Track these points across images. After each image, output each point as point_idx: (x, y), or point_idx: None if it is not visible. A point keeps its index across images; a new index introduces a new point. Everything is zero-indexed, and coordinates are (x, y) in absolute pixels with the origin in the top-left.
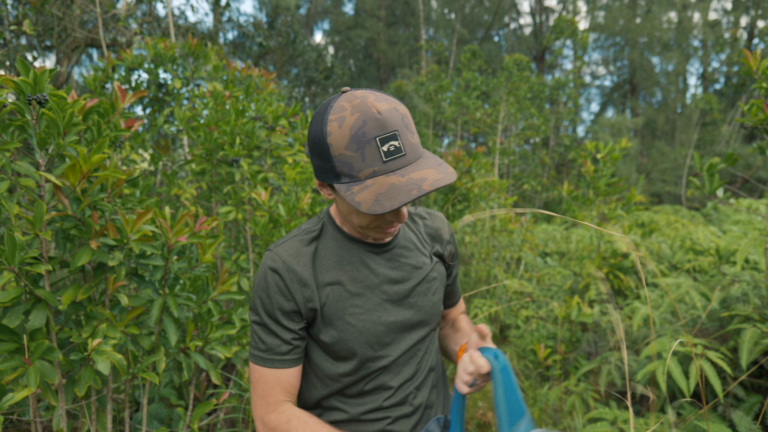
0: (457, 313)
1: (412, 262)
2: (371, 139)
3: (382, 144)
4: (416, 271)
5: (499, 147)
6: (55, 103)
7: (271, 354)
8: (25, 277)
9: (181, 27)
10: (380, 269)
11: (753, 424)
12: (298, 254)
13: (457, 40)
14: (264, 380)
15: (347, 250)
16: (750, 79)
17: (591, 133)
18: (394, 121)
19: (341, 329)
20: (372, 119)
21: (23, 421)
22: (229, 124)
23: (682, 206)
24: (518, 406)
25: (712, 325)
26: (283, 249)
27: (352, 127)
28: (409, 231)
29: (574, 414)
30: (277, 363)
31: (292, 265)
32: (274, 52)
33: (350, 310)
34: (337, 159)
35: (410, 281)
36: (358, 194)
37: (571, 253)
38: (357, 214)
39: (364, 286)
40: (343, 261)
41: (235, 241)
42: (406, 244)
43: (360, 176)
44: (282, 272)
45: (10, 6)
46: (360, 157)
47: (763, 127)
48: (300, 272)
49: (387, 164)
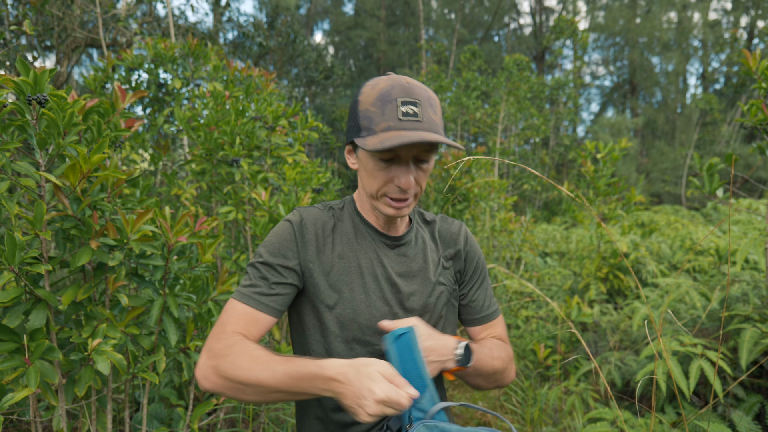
0: (484, 335)
1: (419, 262)
2: (394, 99)
3: (402, 105)
4: (421, 272)
5: (499, 147)
6: (55, 103)
7: (253, 291)
8: (25, 277)
9: (181, 27)
10: (387, 261)
11: (753, 424)
12: (317, 219)
13: (457, 40)
14: (233, 312)
15: (360, 233)
16: (750, 79)
17: (591, 133)
18: (420, 93)
19: (341, 298)
20: (399, 85)
21: (23, 421)
22: (229, 124)
23: (682, 206)
24: (420, 381)
25: (712, 325)
26: (306, 210)
27: (382, 89)
28: (423, 233)
29: (574, 414)
30: (254, 302)
31: (308, 224)
32: (274, 52)
33: (351, 285)
34: (362, 113)
35: (413, 280)
36: (369, 139)
37: (571, 253)
38: (370, 176)
39: (369, 272)
40: (356, 241)
41: (235, 241)
42: (418, 244)
43: (377, 129)
44: (296, 226)
45: (10, 6)
46: (380, 112)
47: (763, 127)
48: (313, 232)
49: (401, 122)
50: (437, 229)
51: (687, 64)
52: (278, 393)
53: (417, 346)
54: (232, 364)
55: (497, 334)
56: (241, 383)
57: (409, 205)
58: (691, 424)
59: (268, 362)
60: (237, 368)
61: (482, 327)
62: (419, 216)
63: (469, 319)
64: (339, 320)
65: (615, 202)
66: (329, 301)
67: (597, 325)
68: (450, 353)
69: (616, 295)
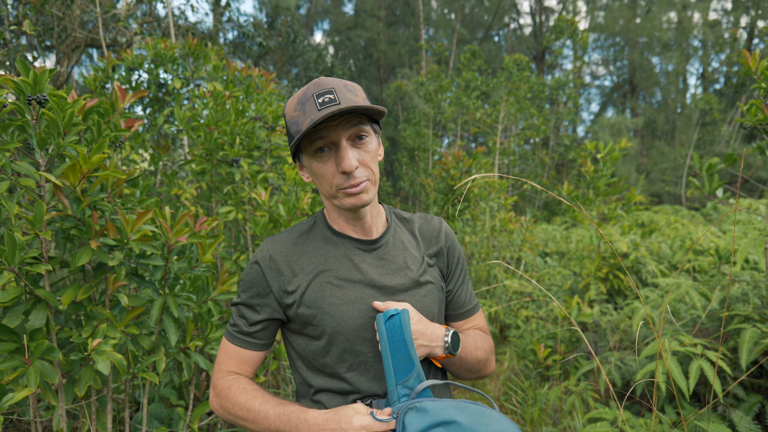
0: (465, 327)
1: (400, 262)
2: (310, 97)
3: (318, 97)
4: (405, 271)
5: (499, 147)
6: (55, 103)
7: (236, 331)
8: (25, 277)
9: (181, 27)
10: (365, 266)
11: (753, 424)
12: (285, 246)
13: (457, 40)
14: (225, 351)
15: (333, 245)
16: (750, 79)
17: (591, 133)
18: (334, 83)
19: (319, 318)
20: (313, 84)
21: (23, 421)
22: (229, 124)
23: (682, 206)
24: (408, 361)
25: (712, 325)
26: (272, 241)
27: (299, 95)
28: (401, 232)
29: (574, 414)
30: (238, 341)
31: (275, 256)
32: (274, 52)
33: (329, 299)
34: (290, 123)
35: (397, 280)
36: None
37: (571, 253)
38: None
39: (347, 281)
40: (329, 255)
41: (235, 241)
42: (396, 244)
43: (302, 128)
44: (263, 264)
45: (10, 6)
46: (302, 112)
47: (763, 127)
48: (280, 263)
49: (321, 111)
50: (417, 227)
51: (687, 64)
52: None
53: (407, 327)
54: (234, 405)
55: (479, 325)
56: (242, 420)
57: (366, 190)
58: (691, 424)
59: (263, 403)
60: (237, 409)
61: (465, 321)
62: (395, 216)
63: (453, 314)
64: (326, 336)
65: (615, 202)
66: (313, 321)
67: (597, 325)
68: (439, 340)
69: (616, 295)
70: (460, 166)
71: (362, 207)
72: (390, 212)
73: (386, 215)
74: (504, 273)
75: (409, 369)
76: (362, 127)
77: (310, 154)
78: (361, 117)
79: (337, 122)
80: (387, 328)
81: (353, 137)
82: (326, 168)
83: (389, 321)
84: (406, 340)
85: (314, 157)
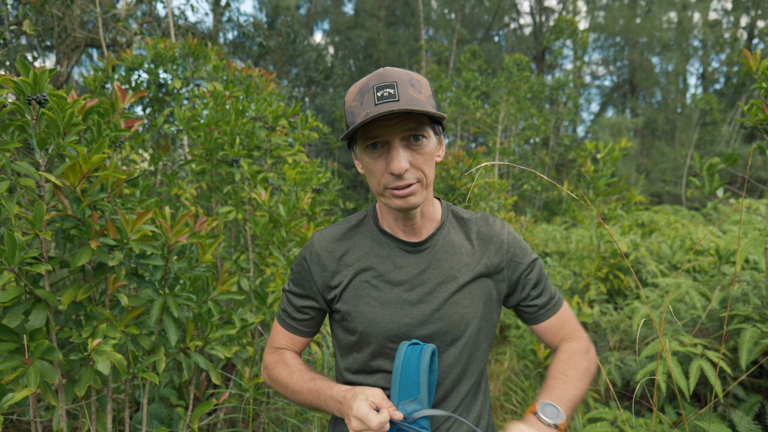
0: (555, 336)
1: (446, 266)
2: (370, 88)
3: (378, 90)
4: (450, 276)
5: (499, 147)
6: (55, 103)
7: (286, 316)
8: (25, 277)
9: (181, 27)
10: (407, 268)
11: (753, 424)
12: (332, 241)
13: (457, 40)
14: (276, 330)
15: (379, 243)
16: (750, 79)
17: (591, 133)
18: (398, 76)
19: (354, 316)
20: (376, 75)
21: (23, 421)
22: (229, 124)
23: (682, 206)
24: (414, 388)
25: (712, 325)
26: (320, 235)
27: (361, 83)
28: (455, 234)
29: (574, 414)
30: (287, 326)
31: (321, 251)
32: (274, 52)
33: (366, 299)
34: (348, 112)
35: (439, 286)
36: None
37: (571, 253)
38: (369, 173)
39: (385, 282)
40: (372, 253)
41: (235, 241)
42: (446, 247)
43: (358, 120)
44: (309, 258)
45: (10, 6)
46: (360, 104)
47: (763, 127)
48: (325, 258)
49: (378, 106)
50: (475, 230)
51: (687, 64)
52: (305, 404)
53: (425, 359)
54: (277, 379)
55: (566, 332)
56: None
57: (414, 193)
58: (691, 424)
59: (299, 378)
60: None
61: (548, 323)
62: (453, 215)
63: (532, 317)
64: (358, 334)
65: (615, 202)
66: (348, 318)
67: (597, 325)
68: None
69: (616, 295)
70: (460, 166)
71: (409, 209)
72: (447, 210)
73: (442, 213)
74: None
75: (414, 394)
76: (419, 129)
77: (362, 148)
78: (420, 117)
79: (393, 122)
80: (407, 352)
81: (408, 138)
82: (376, 165)
83: (411, 346)
84: (420, 368)
85: (366, 151)
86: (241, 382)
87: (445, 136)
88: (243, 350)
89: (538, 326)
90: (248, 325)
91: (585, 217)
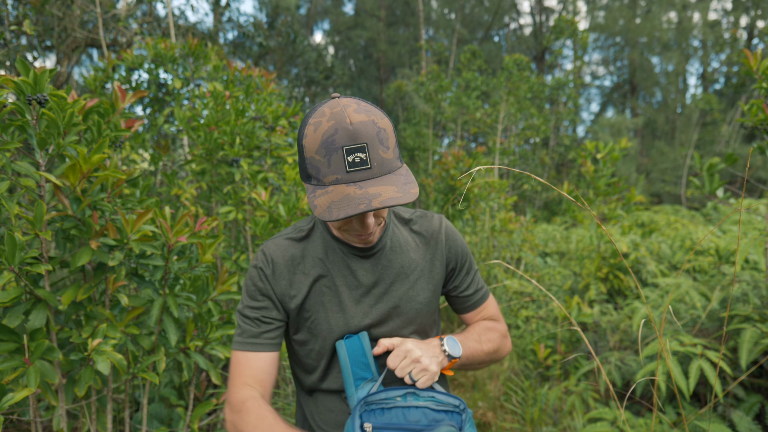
0: (477, 319)
1: (397, 266)
2: (338, 148)
3: (348, 154)
4: (402, 274)
5: (499, 147)
6: (55, 103)
7: (245, 337)
8: (25, 277)
9: (181, 27)
10: (362, 272)
11: (753, 424)
12: (284, 250)
13: (457, 40)
14: (236, 363)
15: (332, 250)
16: (750, 79)
17: (591, 133)
18: (367, 133)
19: (316, 323)
20: (343, 129)
21: (23, 421)
22: (229, 124)
23: (682, 206)
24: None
25: (712, 325)
26: (272, 244)
27: (324, 133)
28: (400, 233)
29: (574, 414)
30: (249, 346)
31: (276, 259)
32: (274, 52)
33: (327, 305)
34: (308, 161)
35: (393, 285)
36: (318, 198)
37: (571, 253)
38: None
39: (344, 287)
40: (327, 260)
41: (235, 241)
42: (393, 247)
43: (325, 181)
44: (263, 267)
45: (10, 6)
46: (326, 162)
47: (763, 127)
48: (281, 267)
49: (350, 174)
50: (417, 227)
51: (687, 64)
52: None
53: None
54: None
55: (489, 314)
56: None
57: (373, 233)
58: (691, 425)
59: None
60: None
61: (475, 312)
62: (395, 216)
63: (463, 307)
64: (319, 340)
65: (615, 202)
66: (309, 325)
67: (597, 325)
68: (440, 353)
69: (616, 295)
70: (460, 166)
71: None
72: (389, 213)
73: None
74: (504, 273)
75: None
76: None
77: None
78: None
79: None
80: (347, 344)
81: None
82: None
83: (347, 339)
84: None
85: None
86: None
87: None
88: None
89: (468, 314)
90: None
91: (585, 217)
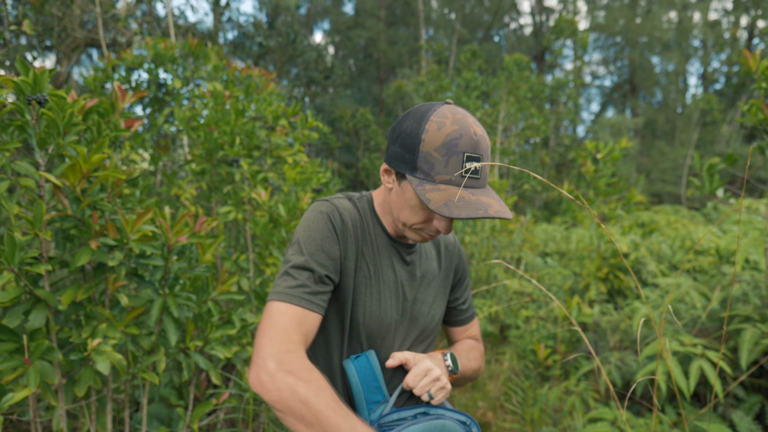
0: (463, 336)
1: (422, 272)
2: (461, 152)
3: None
4: (424, 280)
5: (500, 147)
6: (54, 103)
7: (301, 291)
8: (25, 277)
9: (181, 27)
10: (398, 268)
11: (753, 424)
12: (352, 213)
13: (457, 40)
14: (291, 314)
15: (380, 236)
16: (750, 79)
17: (591, 133)
18: (484, 148)
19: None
20: (468, 136)
21: (23, 421)
22: (229, 124)
23: (682, 206)
24: (378, 393)
25: (712, 325)
26: (340, 203)
27: (449, 134)
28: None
29: (574, 414)
30: (305, 302)
31: (346, 218)
32: (274, 52)
33: (368, 290)
34: (423, 155)
35: (417, 289)
36: (429, 192)
37: (571, 253)
38: (410, 210)
39: (383, 278)
40: (376, 244)
41: (235, 241)
42: (422, 253)
43: (436, 179)
44: (335, 219)
45: (10, 6)
46: (444, 162)
47: (763, 127)
48: (351, 227)
49: (463, 179)
50: (442, 236)
51: (687, 64)
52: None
53: (375, 362)
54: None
55: (473, 333)
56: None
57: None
58: (691, 425)
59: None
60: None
61: (464, 327)
62: None
63: (455, 320)
64: (352, 321)
65: (615, 202)
66: (351, 301)
67: (597, 325)
68: (443, 365)
69: (617, 295)
70: None
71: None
72: None
73: None
74: (504, 273)
75: (379, 399)
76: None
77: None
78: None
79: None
80: (356, 365)
81: None
82: (424, 213)
83: (355, 360)
84: (376, 373)
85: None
86: (240, 382)
87: None
88: (243, 350)
89: (458, 328)
90: (248, 326)
91: (585, 217)
